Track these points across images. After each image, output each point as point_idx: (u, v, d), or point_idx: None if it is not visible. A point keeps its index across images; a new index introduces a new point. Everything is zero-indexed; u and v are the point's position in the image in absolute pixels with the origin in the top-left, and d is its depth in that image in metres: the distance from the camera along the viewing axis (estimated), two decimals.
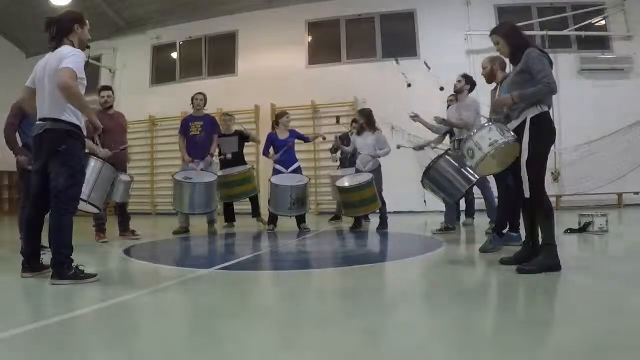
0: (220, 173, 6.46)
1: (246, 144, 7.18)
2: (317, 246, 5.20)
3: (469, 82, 5.33)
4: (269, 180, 6.34)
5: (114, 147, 5.26)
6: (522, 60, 3.09)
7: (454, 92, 5.47)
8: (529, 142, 3.04)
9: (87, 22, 3.19)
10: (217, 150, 6.98)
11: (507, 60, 3.64)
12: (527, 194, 3.06)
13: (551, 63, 3.09)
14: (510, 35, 3.23)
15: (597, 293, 2.53)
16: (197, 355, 1.67)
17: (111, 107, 5.69)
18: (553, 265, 2.94)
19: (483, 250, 3.99)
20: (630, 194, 9.32)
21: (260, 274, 3.67)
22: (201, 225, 6.42)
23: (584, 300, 2.41)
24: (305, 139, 7.03)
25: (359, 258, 4.33)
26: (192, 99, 6.50)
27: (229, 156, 6.85)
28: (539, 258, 2.98)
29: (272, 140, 6.61)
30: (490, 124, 3.21)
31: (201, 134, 6.27)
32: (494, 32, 3.30)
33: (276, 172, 6.48)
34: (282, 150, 6.49)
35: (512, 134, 3.12)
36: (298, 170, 6.61)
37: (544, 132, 3.07)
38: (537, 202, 3.06)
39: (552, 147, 3.21)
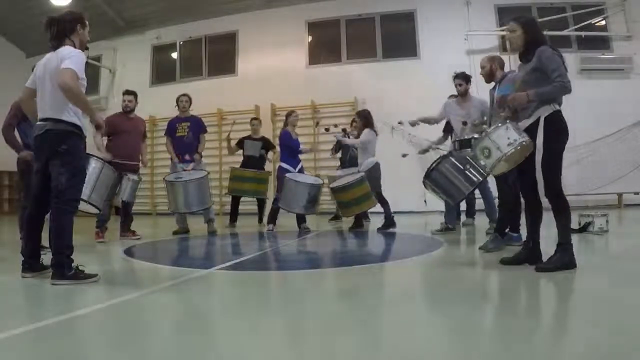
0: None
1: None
2: (317, 246, 5.21)
3: (469, 81, 5.34)
4: (285, 175, 6.20)
5: (128, 150, 5.58)
6: (535, 58, 3.05)
7: (459, 94, 5.39)
8: (545, 142, 2.98)
9: (87, 22, 3.19)
10: (242, 150, 7.47)
11: (505, 59, 3.62)
12: (547, 194, 3.01)
13: (563, 61, 3.04)
14: (530, 27, 3.17)
15: (597, 292, 2.52)
16: (198, 356, 1.66)
17: (132, 110, 5.84)
18: (570, 263, 2.96)
19: (483, 249, 3.99)
20: (630, 194, 9.32)
21: (260, 273, 3.67)
22: (200, 225, 6.42)
23: (583, 300, 2.42)
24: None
25: (358, 258, 4.33)
26: (177, 100, 6.55)
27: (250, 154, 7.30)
28: (556, 256, 2.98)
29: (288, 138, 6.53)
30: (507, 122, 3.10)
31: (188, 134, 6.31)
32: (514, 20, 3.21)
33: (284, 170, 6.39)
34: (299, 150, 6.65)
35: (525, 133, 3.06)
36: (302, 170, 6.64)
37: (560, 131, 3.02)
38: (557, 202, 3.01)
39: None
